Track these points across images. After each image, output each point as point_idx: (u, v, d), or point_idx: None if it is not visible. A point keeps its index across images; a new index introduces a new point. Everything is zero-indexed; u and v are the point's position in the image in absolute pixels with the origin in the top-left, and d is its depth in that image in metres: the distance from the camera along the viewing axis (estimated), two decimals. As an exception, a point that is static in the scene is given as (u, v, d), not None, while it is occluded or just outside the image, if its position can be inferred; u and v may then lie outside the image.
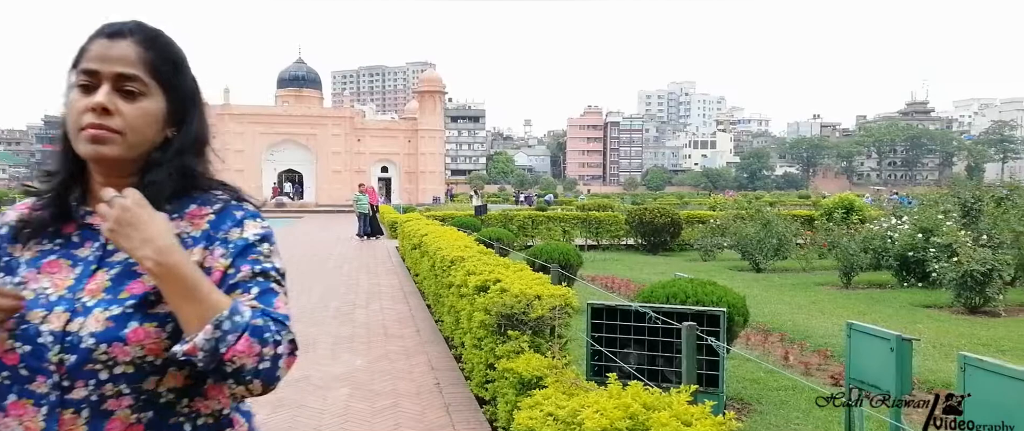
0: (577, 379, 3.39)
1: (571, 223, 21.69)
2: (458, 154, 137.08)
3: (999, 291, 9.74)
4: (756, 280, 13.72)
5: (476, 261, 5.80)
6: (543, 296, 4.35)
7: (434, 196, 49.73)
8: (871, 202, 28.02)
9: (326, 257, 16.20)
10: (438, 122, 52.23)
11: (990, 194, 12.68)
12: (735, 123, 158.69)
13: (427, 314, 8.70)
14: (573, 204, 42.53)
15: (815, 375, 6.41)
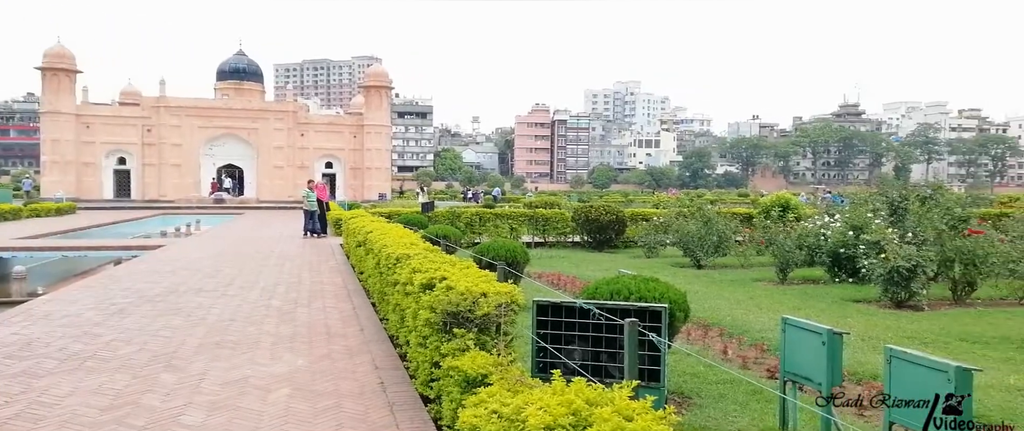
0: (522, 376, 3.40)
1: (518, 220, 21.78)
2: (405, 150, 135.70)
3: (923, 286, 10.25)
4: (697, 276, 14.07)
5: (422, 259, 5.76)
6: (489, 294, 4.35)
7: (380, 193, 49.12)
8: (806, 201, 29.09)
9: (267, 254, 15.80)
10: (384, 117, 51.56)
11: (915, 194, 13.33)
12: (678, 123, 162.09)
13: (372, 313, 8.59)
14: (521, 201, 42.70)
15: (752, 369, 6.62)
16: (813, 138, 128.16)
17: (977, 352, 7.31)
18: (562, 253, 19.25)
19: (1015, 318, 9.31)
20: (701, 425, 4.82)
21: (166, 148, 46.59)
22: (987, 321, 9.09)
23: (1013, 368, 6.60)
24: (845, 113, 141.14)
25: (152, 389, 5.13)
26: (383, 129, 51.23)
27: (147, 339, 6.83)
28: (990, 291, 11.13)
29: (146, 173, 46.51)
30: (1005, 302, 10.72)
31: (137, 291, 9.87)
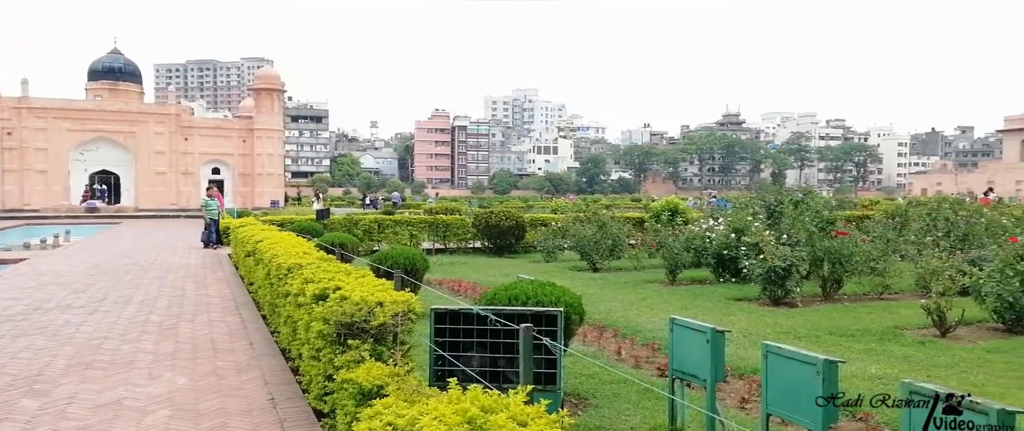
0: (420, 386, 3.36)
1: (418, 227, 21.57)
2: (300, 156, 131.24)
3: (797, 284, 11.03)
4: (593, 279, 14.46)
5: (315, 268, 5.58)
6: (385, 303, 4.28)
7: (273, 200, 47.17)
8: (693, 205, 30.62)
9: (147, 267, 14.79)
10: (276, 121, 49.60)
11: (789, 198, 14.32)
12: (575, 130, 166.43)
13: (262, 325, 8.22)
14: (421, 207, 42.30)
15: (644, 368, 6.87)
16: (699, 146, 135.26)
17: (844, 344, 7.94)
18: (463, 259, 19.24)
19: (875, 312, 10.19)
20: (596, 425, 4.94)
21: (30, 153, 42.58)
22: (852, 315, 9.90)
23: (874, 358, 7.22)
24: (727, 122, 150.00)
25: (9, 417, 4.66)
26: (275, 133, 49.28)
27: (5, 362, 6.21)
28: (854, 287, 12.13)
29: (7, 179, 42.31)
30: (867, 297, 11.72)
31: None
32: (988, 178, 66.60)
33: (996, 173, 68.86)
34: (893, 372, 6.46)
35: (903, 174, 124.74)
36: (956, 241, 13.54)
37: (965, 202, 16.31)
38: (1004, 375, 6.51)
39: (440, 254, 20.28)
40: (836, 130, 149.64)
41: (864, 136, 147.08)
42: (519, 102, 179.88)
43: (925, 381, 5.65)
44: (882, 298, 11.54)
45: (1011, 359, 7.14)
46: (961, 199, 17.03)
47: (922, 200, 21.01)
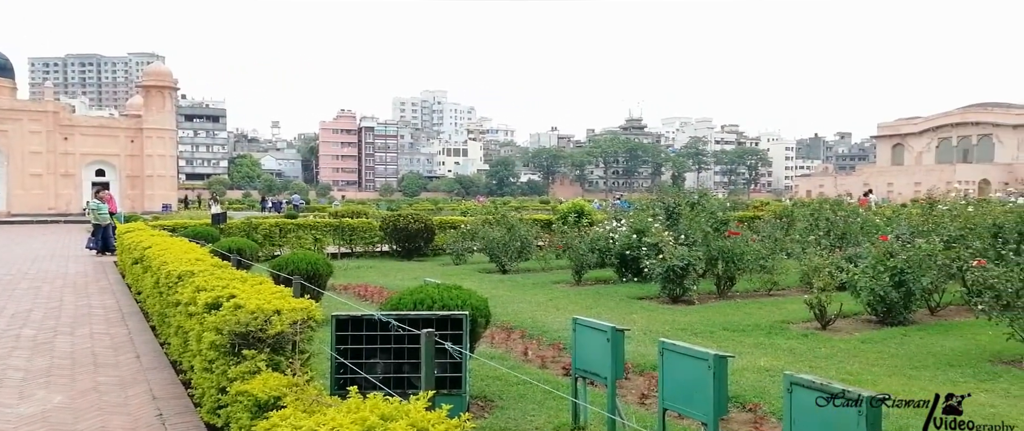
0: (320, 395, 3.27)
1: (323, 231, 20.96)
2: (194, 157, 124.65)
3: (694, 282, 11.54)
4: (502, 281, 14.56)
5: (208, 276, 5.31)
6: (283, 310, 4.13)
7: (164, 203, 44.54)
8: (599, 207, 31.41)
9: (19, 276, 13.59)
10: (168, 120, 46.90)
11: (686, 200, 14.97)
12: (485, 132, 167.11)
13: (151, 337, 7.74)
14: (326, 210, 41.14)
15: (550, 367, 6.98)
16: (604, 149, 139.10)
17: (736, 339, 8.38)
18: (370, 263, 18.87)
19: (765, 307, 10.82)
20: (501, 427, 4.97)
21: None
22: (744, 311, 10.46)
23: (763, 352, 7.66)
24: (630, 127, 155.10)
25: None
26: (166, 133, 46.60)
27: None
28: (746, 284, 12.83)
29: None
30: (758, 293, 12.42)
31: None
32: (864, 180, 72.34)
33: (871, 176, 74.84)
34: (779, 364, 6.87)
35: (790, 177, 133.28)
36: (835, 240, 14.57)
37: (843, 203, 17.60)
38: (876, 364, 7.07)
39: (346, 258, 19.81)
40: (730, 135, 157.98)
41: (755, 141, 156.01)
42: (428, 104, 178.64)
43: (806, 372, 6.04)
44: (771, 294, 12.25)
45: (882, 348, 7.76)
46: (840, 200, 18.36)
47: (806, 201, 22.51)
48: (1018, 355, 7.00)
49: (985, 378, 6.39)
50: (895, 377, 6.49)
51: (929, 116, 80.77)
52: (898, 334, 8.49)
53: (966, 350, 7.53)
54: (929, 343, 7.95)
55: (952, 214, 12.45)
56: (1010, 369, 6.65)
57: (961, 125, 76.52)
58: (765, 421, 5.10)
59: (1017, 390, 5.97)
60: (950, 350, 7.56)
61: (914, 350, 7.61)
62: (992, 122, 74.03)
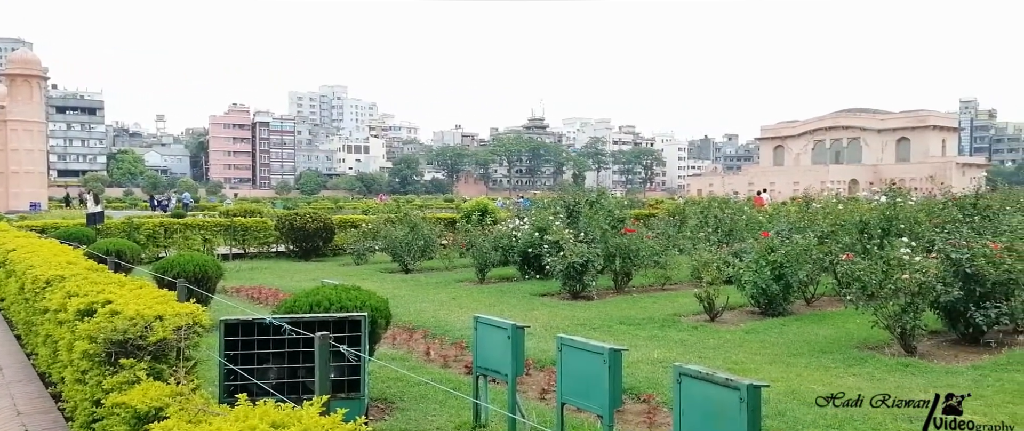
0: (207, 405, 3.10)
1: (213, 231, 19.90)
2: (68, 152, 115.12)
3: (593, 279, 11.87)
4: (405, 281, 14.39)
5: (81, 280, 4.92)
6: (166, 316, 3.90)
7: (33, 202, 40.82)
8: (502, 205, 31.68)
9: None
10: (37, 112, 43.02)
11: (585, 198, 15.37)
12: (387, 129, 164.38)
13: (16, 347, 7.09)
14: (217, 209, 39.10)
15: (453, 367, 6.97)
16: (508, 148, 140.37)
17: (632, 332, 8.69)
18: (265, 264, 18.13)
19: (659, 301, 11.29)
20: (402, 428, 4.92)
21: None
22: (639, 305, 10.86)
23: (656, 343, 7.99)
24: (533, 126, 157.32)
25: None
26: (34, 126, 42.76)
27: None
28: (641, 279, 13.34)
29: None
30: (652, 288, 12.94)
31: None
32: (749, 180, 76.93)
33: (755, 175, 79.65)
34: (671, 355, 7.19)
35: (683, 176, 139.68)
36: (723, 236, 15.42)
37: (730, 201, 18.65)
38: (759, 353, 7.54)
39: (239, 260, 18.94)
40: (627, 136, 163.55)
41: (651, 141, 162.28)
42: (327, 99, 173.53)
43: (695, 363, 6.35)
44: (664, 288, 12.80)
45: (764, 338, 8.29)
46: (727, 199, 19.44)
47: (697, 200, 23.66)
48: (882, 341, 7.66)
49: (853, 363, 6.96)
50: (775, 365, 6.94)
51: (806, 120, 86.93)
52: (778, 324, 9.09)
53: (837, 337, 8.17)
54: (805, 332, 8.56)
55: (825, 212, 13.45)
56: (874, 355, 7.27)
57: (833, 129, 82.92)
58: (658, 411, 5.31)
59: (880, 374, 6.54)
60: (823, 338, 8.17)
61: (792, 339, 8.17)
62: (860, 126, 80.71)
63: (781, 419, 5.16)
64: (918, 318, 7.29)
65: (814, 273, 10.61)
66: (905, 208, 12.17)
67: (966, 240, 8.03)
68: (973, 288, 7.49)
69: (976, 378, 6.29)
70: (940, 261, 7.60)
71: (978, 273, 7.43)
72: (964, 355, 7.26)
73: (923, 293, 7.19)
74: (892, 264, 7.58)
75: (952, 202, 12.71)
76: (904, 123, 78.04)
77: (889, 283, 7.32)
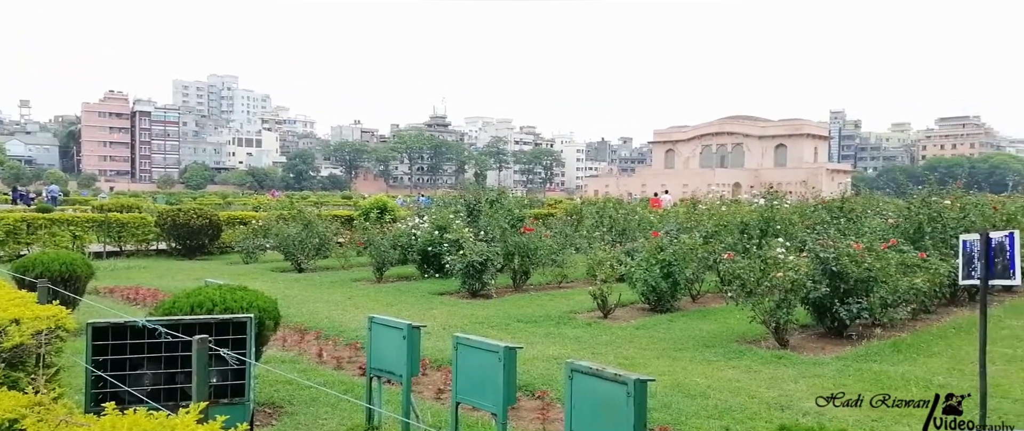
0: (70, 414, 2.86)
1: (85, 226, 18.39)
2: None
3: (492, 277, 11.94)
4: (297, 280, 13.91)
5: (-80, 281, 4.40)
6: (24, 319, 3.58)
7: None
8: (402, 203, 31.27)
9: None
10: None
11: (486, 197, 15.46)
12: (281, 123, 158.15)
13: None
14: (90, 203, 36.18)
15: (346, 368, 6.80)
16: (409, 145, 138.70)
17: (529, 329, 8.81)
18: (144, 263, 16.98)
19: (555, 299, 11.52)
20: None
21: None
22: (537, 303, 11.05)
23: (552, 341, 8.15)
24: (435, 124, 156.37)
25: None
26: None
27: None
28: (539, 277, 13.56)
29: None
30: (550, 286, 13.19)
31: None
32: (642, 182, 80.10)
33: (648, 177, 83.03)
34: (566, 352, 7.35)
35: (581, 177, 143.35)
36: (617, 235, 15.95)
37: (623, 202, 19.33)
38: (648, 348, 7.85)
39: (115, 258, 17.63)
40: (528, 136, 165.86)
41: (551, 142, 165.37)
42: (216, 89, 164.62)
43: (587, 359, 6.52)
44: (561, 286, 13.08)
45: (653, 334, 8.64)
46: (621, 200, 20.14)
47: (593, 200, 24.36)
48: (759, 335, 8.18)
49: (733, 356, 7.39)
50: (662, 359, 7.26)
51: (695, 125, 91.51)
52: (666, 320, 9.51)
53: (719, 332, 8.64)
54: (691, 327, 9.00)
55: (710, 213, 14.22)
56: (752, 348, 7.75)
57: (720, 135, 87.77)
58: (552, 407, 5.42)
59: (757, 366, 6.98)
60: (707, 333, 8.63)
61: (678, 334, 8.57)
62: (743, 133, 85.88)
63: (667, 411, 5.40)
64: (791, 313, 7.84)
65: (699, 271, 11.18)
66: (781, 210, 13.06)
67: (833, 240, 8.72)
68: (838, 285, 8.15)
69: (839, 368, 6.85)
70: (810, 260, 8.21)
71: (843, 271, 8.09)
72: (830, 347, 7.88)
73: (795, 290, 7.75)
74: (769, 263, 8.11)
75: (821, 205, 13.79)
76: (782, 131, 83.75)
77: (765, 281, 7.83)
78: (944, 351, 7.59)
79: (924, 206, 11.41)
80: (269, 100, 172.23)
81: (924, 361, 7.13)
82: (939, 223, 11.04)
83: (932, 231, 10.93)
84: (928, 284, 8.92)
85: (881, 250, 8.61)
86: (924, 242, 10.59)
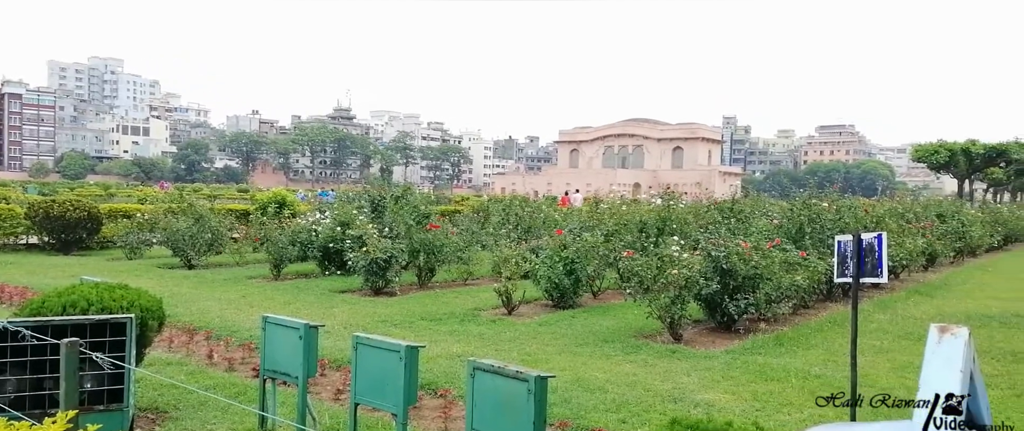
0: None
1: (-61, 218, 16.62)
2: None
3: (397, 274, 11.76)
4: (187, 277, 13.16)
5: None
6: None
7: None
8: (303, 198, 30.24)
9: None
10: None
11: (391, 193, 15.20)
12: (172, 111, 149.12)
13: None
14: (-54, 193, 32.70)
15: (239, 370, 6.49)
16: (311, 137, 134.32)
17: (433, 327, 8.74)
18: (12, 258, 15.54)
19: (461, 296, 11.49)
20: (176, 441, 4.47)
21: None
22: (442, 301, 10.98)
23: (456, 338, 8.12)
24: (339, 116, 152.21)
25: None
26: None
27: None
28: (445, 275, 13.49)
29: None
30: (455, 283, 13.14)
31: None
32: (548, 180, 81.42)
33: (553, 176, 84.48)
34: (470, 350, 7.35)
35: (488, 174, 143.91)
36: (523, 233, 16.12)
37: (529, 200, 19.57)
38: (550, 344, 7.98)
39: (-25, 253, 16.02)
40: (436, 132, 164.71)
41: (458, 139, 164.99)
42: (98, 72, 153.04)
43: (491, 356, 6.55)
44: (467, 284, 13.06)
45: (556, 329, 8.79)
46: (527, 198, 20.38)
47: (500, 198, 24.52)
48: (655, 330, 8.49)
49: (630, 351, 7.63)
50: (564, 355, 7.40)
51: (598, 127, 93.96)
52: (568, 316, 9.70)
53: (618, 327, 8.91)
54: (592, 323, 9.23)
55: (611, 212, 14.63)
56: (648, 342, 8.04)
57: (622, 136, 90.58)
58: (454, 405, 5.39)
59: (653, 360, 7.25)
60: (607, 328, 8.87)
61: (580, 330, 8.76)
62: (643, 135, 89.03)
63: (567, 406, 5.50)
64: (684, 309, 8.19)
65: (600, 268, 11.48)
66: (677, 210, 13.62)
67: (724, 240, 9.19)
68: (728, 282, 8.59)
69: (728, 361, 7.22)
70: (703, 258, 8.61)
71: (732, 269, 8.53)
72: (720, 340, 8.30)
73: (688, 286, 8.10)
74: (665, 260, 8.44)
75: (714, 206, 14.49)
76: (679, 134, 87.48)
77: (661, 278, 8.14)
78: (821, 344, 8.17)
79: (805, 208, 12.22)
80: (158, 86, 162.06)
81: (803, 353, 7.65)
82: (818, 224, 11.87)
83: (812, 232, 11.74)
84: (808, 281, 9.58)
85: (766, 249, 9.15)
86: (804, 242, 11.36)
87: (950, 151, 53.36)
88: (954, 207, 21.56)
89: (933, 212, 19.64)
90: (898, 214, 16.69)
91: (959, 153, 52.97)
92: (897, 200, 20.91)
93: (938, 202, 23.61)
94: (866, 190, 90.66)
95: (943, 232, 17.89)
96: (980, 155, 53.04)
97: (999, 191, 61.15)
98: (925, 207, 20.56)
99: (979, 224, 21.37)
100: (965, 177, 55.15)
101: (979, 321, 9.84)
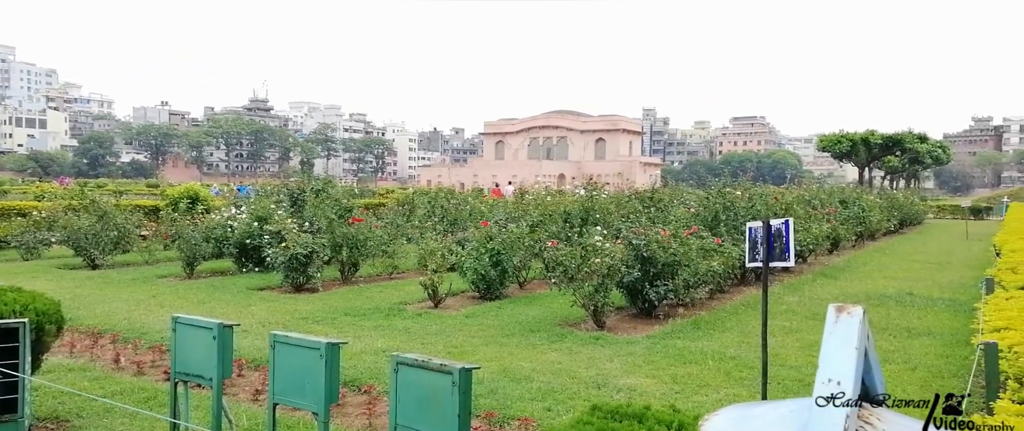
0: None
1: None
2: None
3: (318, 270, 11.46)
4: (90, 278, 12.40)
5: None
6: None
7: None
8: (217, 193, 29.00)
9: None
10: None
11: (311, 186, 14.79)
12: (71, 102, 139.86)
13: None
14: None
15: (149, 373, 6.17)
16: (226, 130, 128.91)
17: (357, 323, 8.58)
18: None
19: (386, 290, 11.32)
20: (78, 452, 4.20)
21: None
22: (366, 295, 10.78)
23: (381, 333, 7.99)
24: (255, 108, 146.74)
25: None
26: None
27: None
28: (369, 269, 13.24)
29: None
30: (380, 277, 12.93)
31: None
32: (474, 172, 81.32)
33: (479, 168, 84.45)
34: (395, 344, 7.25)
35: (413, 166, 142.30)
36: (449, 225, 16.04)
37: (455, 192, 19.49)
38: (477, 335, 7.98)
39: None
40: (358, 123, 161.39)
41: (382, 131, 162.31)
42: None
43: (417, 350, 6.49)
44: (392, 277, 12.88)
45: (482, 321, 8.80)
46: (453, 190, 20.28)
47: (425, 190, 24.30)
48: (579, 318, 8.64)
49: (556, 339, 7.73)
50: (491, 345, 7.41)
51: (523, 119, 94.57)
52: (495, 307, 9.73)
53: (544, 317, 9.01)
54: (518, 313, 9.29)
55: (536, 203, 14.76)
56: (573, 331, 8.17)
57: (546, 128, 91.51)
58: (378, 401, 5.31)
59: (577, 348, 7.37)
60: (533, 318, 8.95)
61: (507, 320, 8.80)
62: (567, 127, 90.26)
63: (494, 397, 5.52)
64: (607, 296, 8.36)
65: (526, 259, 11.56)
66: (600, 200, 13.90)
67: (644, 228, 9.43)
68: (648, 269, 8.83)
69: (649, 346, 7.43)
70: (624, 247, 8.81)
71: (652, 256, 8.77)
72: (642, 326, 8.52)
73: (611, 274, 8.27)
74: (588, 249, 8.59)
75: (635, 196, 14.86)
76: (601, 125, 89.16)
77: (585, 266, 8.28)
78: (735, 326, 8.52)
79: (719, 197, 12.71)
80: (56, 76, 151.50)
81: (718, 336, 7.96)
82: (732, 212, 12.37)
83: (726, 219, 12.22)
84: (723, 266, 9.97)
85: (684, 237, 9.46)
86: (720, 229, 11.81)
87: (851, 141, 56.71)
88: (855, 194, 22.98)
89: (837, 199, 20.85)
90: (805, 201, 17.61)
91: (859, 143, 56.37)
92: (804, 188, 22.08)
93: (841, 189, 25.13)
94: (776, 179, 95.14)
95: (846, 217, 19.03)
96: (878, 144, 56.62)
97: (895, 178, 65.50)
98: (829, 194, 21.80)
99: (878, 210, 22.86)
100: (865, 165, 58.74)
101: (877, 300, 10.52)
